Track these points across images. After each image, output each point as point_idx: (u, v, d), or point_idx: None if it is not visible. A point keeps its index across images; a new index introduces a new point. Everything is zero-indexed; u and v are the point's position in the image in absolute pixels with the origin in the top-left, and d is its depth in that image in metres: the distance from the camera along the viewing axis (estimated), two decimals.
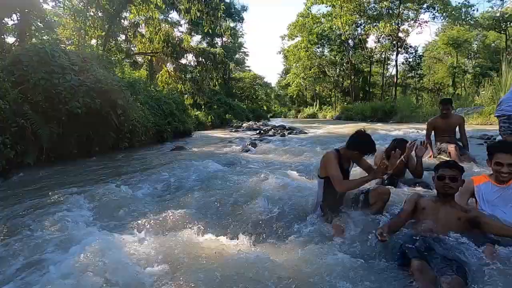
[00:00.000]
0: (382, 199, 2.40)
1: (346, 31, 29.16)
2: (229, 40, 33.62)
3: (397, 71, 28.04)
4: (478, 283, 1.54)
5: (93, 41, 13.99)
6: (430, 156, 4.38)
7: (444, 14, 24.17)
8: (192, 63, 22.21)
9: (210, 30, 19.41)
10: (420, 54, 32.61)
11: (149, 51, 16.35)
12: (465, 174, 2.11)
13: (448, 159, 3.60)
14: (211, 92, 22.45)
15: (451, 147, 4.01)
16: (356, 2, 26.33)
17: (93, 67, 6.29)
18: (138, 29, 15.35)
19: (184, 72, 17.59)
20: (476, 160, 3.94)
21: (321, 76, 36.19)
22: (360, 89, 33.81)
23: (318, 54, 35.31)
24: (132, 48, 19.03)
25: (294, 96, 44.51)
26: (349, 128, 10.95)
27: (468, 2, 22.60)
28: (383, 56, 30.78)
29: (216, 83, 23.94)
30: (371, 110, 21.20)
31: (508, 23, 22.84)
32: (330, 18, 30.49)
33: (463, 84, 28.13)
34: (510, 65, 11.13)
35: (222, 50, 20.74)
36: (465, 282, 1.47)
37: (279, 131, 12.41)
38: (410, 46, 31.34)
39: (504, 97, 3.11)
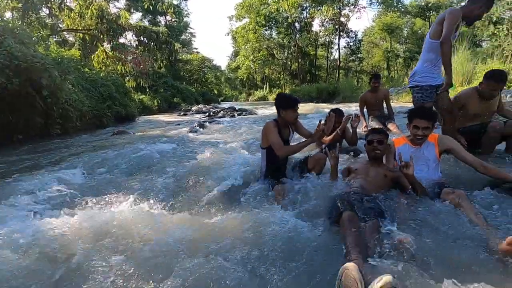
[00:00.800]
0: (319, 164, 2.58)
1: (293, 14, 29.60)
2: (173, 20, 31.58)
3: (339, 54, 29.73)
4: (396, 223, 1.76)
5: (8, 14, 12.01)
6: (364, 129, 4.87)
7: (380, 0, 25.98)
8: (132, 43, 20.54)
9: (151, 7, 18.05)
10: (360, 38, 34.82)
11: (80, 28, 14.59)
12: (389, 139, 2.40)
13: None
14: (156, 74, 21.13)
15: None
16: None
17: (7, 41, 5.38)
18: (65, 2, 13.52)
19: (124, 52, 16.14)
20: (399, 127, 4.51)
21: (270, 59, 36.42)
22: (307, 72, 35.00)
23: (266, 36, 35.29)
24: (60, 25, 16.81)
25: (244, 79, 44.24)
26: None
27: None
28: (327, 40, 32.15)
29: (161, 64, 22.58)
30: (316, 92, 22.34)
31: (431, 11, 25.59)
32: None
33: (396, 67, 30.93)
34: None
35: (166, 30, 19.51)
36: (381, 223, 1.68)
37: (229, 112, 12.33)
38: (351, 31, 33.23)
39: (416, 68, 3.03)
